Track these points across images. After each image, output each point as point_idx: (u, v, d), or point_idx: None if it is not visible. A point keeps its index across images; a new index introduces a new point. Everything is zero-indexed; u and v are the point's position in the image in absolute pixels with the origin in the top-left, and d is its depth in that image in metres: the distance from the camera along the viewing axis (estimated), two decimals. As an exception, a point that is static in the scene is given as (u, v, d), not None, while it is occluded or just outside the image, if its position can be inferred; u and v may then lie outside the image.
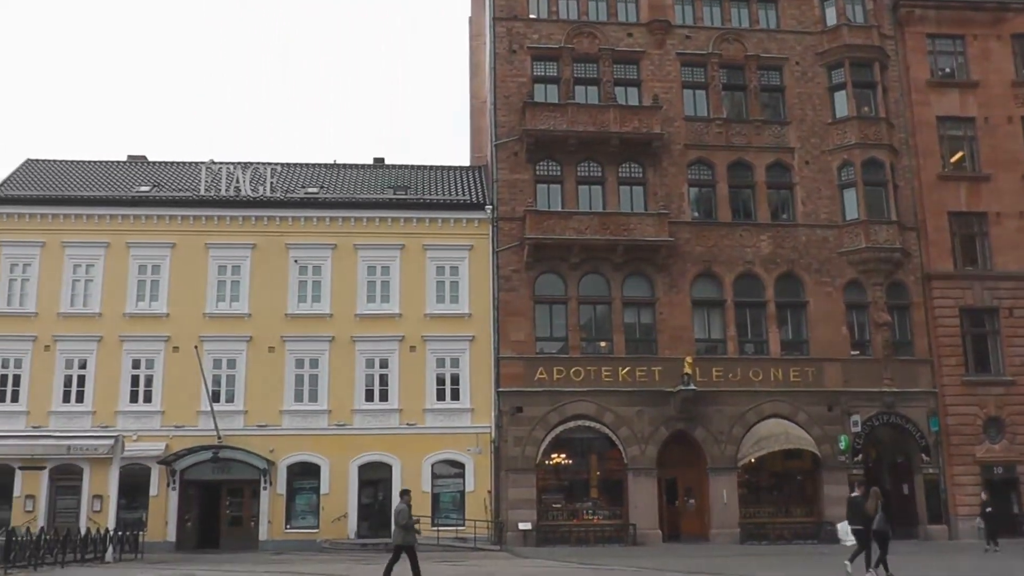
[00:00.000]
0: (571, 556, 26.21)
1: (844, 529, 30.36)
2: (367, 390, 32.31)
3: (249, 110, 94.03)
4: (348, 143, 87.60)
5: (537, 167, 33.83)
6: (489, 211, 33.53)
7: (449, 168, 38.19)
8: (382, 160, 39.10)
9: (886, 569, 19.09)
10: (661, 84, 34.67)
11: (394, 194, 34.86)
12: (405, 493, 19.13)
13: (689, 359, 31.73)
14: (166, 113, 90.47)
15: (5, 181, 35.50)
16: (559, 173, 33.84)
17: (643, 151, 33.89)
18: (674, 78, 34.96)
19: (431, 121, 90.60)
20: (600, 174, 33.97)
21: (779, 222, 34.44)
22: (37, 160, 38.22)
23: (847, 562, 19.51)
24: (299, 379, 32.31)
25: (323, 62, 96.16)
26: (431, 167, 38.06)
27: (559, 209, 33.38)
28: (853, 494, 21.52)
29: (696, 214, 34.35)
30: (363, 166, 38.42)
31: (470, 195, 34.98)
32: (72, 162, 38.29)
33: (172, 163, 38.26)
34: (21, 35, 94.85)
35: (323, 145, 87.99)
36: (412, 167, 38.03)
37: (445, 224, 33.85)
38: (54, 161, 38.27)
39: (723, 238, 33.85)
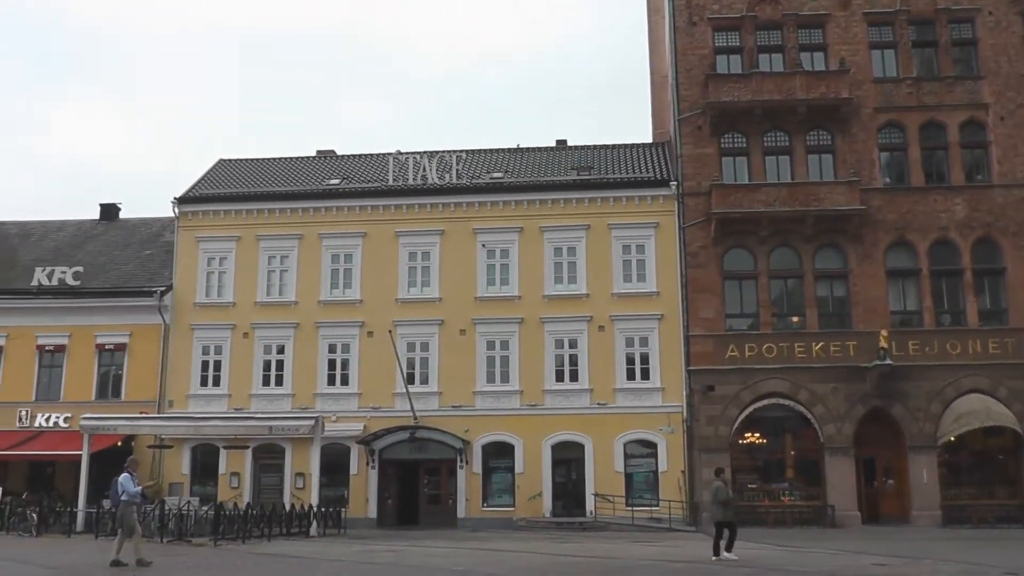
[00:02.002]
0: (768, 538, 25.58)
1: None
2: (557, 370, 32.58)
3: (430, 99, 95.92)
4: (530, 126, 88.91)
5: (722, 140, 33.20)
6: (674, 187, 33.09)
7: (632, 146, 37.85)
8: (564, 142, 39.14)
9: None
10: (848, 47, 33.27)
11: (578, 175, 34.90)
12: (720, 471, 19.42)
13: (884, 332, 30.47)
14: (350, 109, 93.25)
15: (200, 181, 37.40)
16: (744, 145, 33.10)
17: (831, 117, 32.69)
18: (861, 39, 33.48)
19: (611, 100, 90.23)
20: (787, 143, 33.00)
21: (974, 183, 32.61)
22: (229, 160, 40.03)
23: None
24: (490, 361, 32.92)
25: (501, 46, 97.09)
26: (613, 146, 37.85)
27: (746, 182, 32.66)
28: None
29: (888, 180, 32.95)
30: (546, 148, 38.57)
31: (654, 172, 34.58)
32: (262, 160, 39.91)
33: (360, 155, 39.45)
34: (203, 48, 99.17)
35: (505, 130, 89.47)
36: (594, 147, 37.89)
37: (630, 202, 33.60)
38: (245, 160, 39.96)
39: (916, 204, 32.30)
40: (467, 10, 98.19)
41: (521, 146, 38.69)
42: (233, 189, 36.20)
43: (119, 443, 32.54)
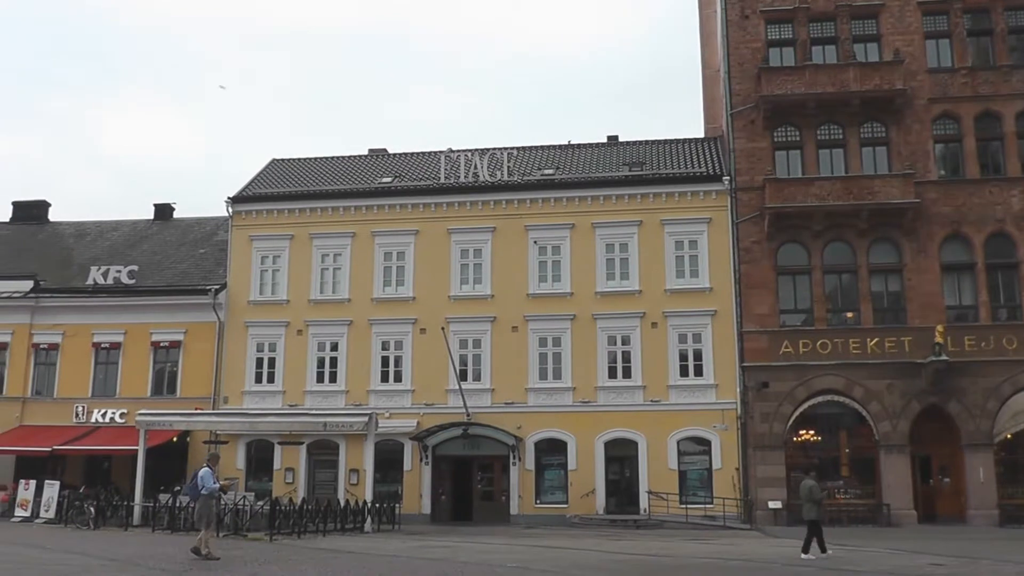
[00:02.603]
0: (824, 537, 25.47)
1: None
2: (610, 367, 32.48)
3: (481, 96, 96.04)
4: (581, 123, 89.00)
5: (775, 134, 32.89)
6: (727, 182, 32.82)
7: (684, 141, 37.62)
8: (616, 138, 38.95)
9: None
10: (902, 37, 32.76)
11: (629, 171, 34.69)
12: (811, 470, 20.29)
13: (940, 328, 29.94)
14: (401, 107, 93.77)
15: (253, 180, 37.75)
16: (798, 138, 32.77)
17: (885, 109, 32.22)
18: (915, 29, 32.93)
19: (663, 96, 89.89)
20: (841, 136, 32.61)
21: (1030, 174, 31.93)
22: (281, 159, 40.37)
23: None
24: (542, 357, 32.91)
25: (551, 42, 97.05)
26: (665, 141, 37.63)
27: (799, 176, 32.34)
28: None
29: (943, 172, 32.38)
30: (597, 145, 38.32)
31: (706, 167, 34.34)
32: (315, 159, 40.17)
33: (412, 154, 39.64)
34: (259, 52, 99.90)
35: (556, 127, 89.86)
36: (646, 142, 37.69)
37: (682, 198, 33.39)
38: (297, 159, 40.25)
39: (971, 196, 31.69)
40: (517, 6, 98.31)
41: (572, 142, 38.54)
42: (286, 188, 36.56)
43: (174, 439, 33.13)
